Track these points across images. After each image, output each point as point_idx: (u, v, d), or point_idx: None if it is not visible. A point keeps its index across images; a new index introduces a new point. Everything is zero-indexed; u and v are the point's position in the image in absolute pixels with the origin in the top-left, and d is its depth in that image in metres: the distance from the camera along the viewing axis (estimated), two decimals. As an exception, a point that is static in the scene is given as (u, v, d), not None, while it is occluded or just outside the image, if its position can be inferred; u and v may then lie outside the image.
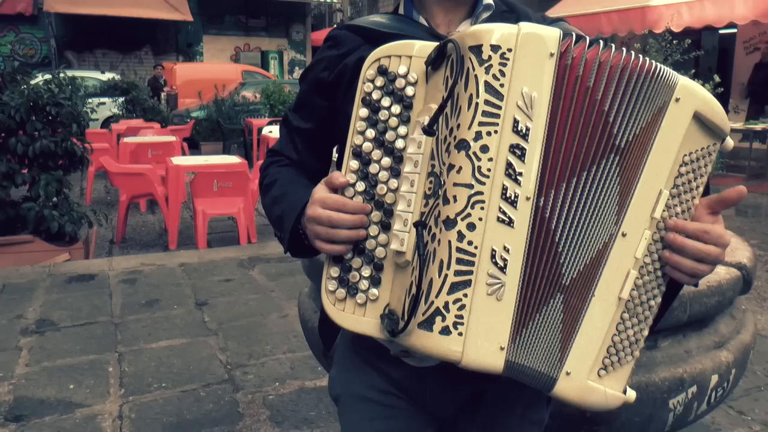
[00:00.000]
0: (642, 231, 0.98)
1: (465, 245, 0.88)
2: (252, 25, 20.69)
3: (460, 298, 0.89)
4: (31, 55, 18.38)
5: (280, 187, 1.21)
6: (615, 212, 0.97)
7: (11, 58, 16.52)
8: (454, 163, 0.89)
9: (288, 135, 1.30)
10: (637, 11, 10.95)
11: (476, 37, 0.90)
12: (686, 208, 1.00)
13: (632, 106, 0.95)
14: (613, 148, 0.95)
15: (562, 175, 0.93)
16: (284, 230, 1.14)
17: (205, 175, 6.13)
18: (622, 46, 0.97)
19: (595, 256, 0.97)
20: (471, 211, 0.88)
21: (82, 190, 8.64)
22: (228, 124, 12.36)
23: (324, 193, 1.01)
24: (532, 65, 0.90)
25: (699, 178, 1.00)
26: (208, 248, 5.99)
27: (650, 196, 0.98)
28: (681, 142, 0.98)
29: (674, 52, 6.30)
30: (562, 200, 0.93)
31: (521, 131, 0.89)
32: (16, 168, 5.35)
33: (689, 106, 0.98)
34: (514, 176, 0.89)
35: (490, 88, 0.88)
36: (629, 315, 1.00)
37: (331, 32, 1.26)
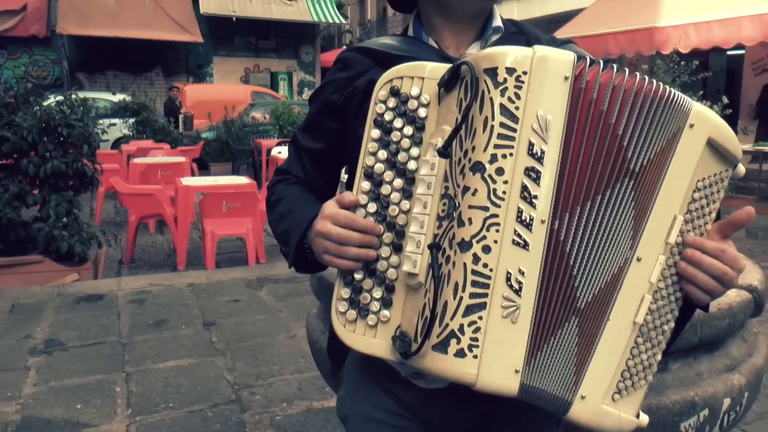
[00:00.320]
0: (656, 256, 0.98)
1: (480, 268, 0.88)
2: (262, 46, 20.88)
3: (475, 320, 0.88)
4: (44, 77, 18.58)
5: (287, 203, 1.22)
6: (630, 236, 0.97)
7: (25, 80, 16.68)
8: (470, 186, 0.89)
9: (296, 154, 1.30)
10: (644, 32, 10.99)
11: (491, 59, 0.91)
12: (699, 234, 1.01)
13: (646, 130, 0.95)
14: (628, 172, 0.95)
15: (576, 199, 0.93)
16: (290, 245, 1.14)
17: (214, 196, 6.16)
18: (629, 68, 0.97)
19: (610, 280, 0.97)
20: (486, 234, 0.88)
21: (91, 211, 8.69)
22: (237, 145, 12.43)
23: (334, 209, 1.02)
24: (546, 88, 0.90)
25: (712, 204, 1.01)
26: (217, 268, 5.99)
27: (665, 221, 0.98)
28: (695, 167, 0.98)
29: (682, 74, 6.32)
30: (577, 223, 0.93)
31: (536, 154, 0.89)
32: (27, 189, 5.39)
33: (703, 132, 0.98)
34: (529, 199, 0.89)
35: (506, 111, 0.89)
36: (643, 339, 1.00)
37: (340, 54, 1.27)
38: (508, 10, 16.79)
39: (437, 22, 1.22)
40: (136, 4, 18.15)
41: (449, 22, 1.21)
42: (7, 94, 5.57)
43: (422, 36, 1.23)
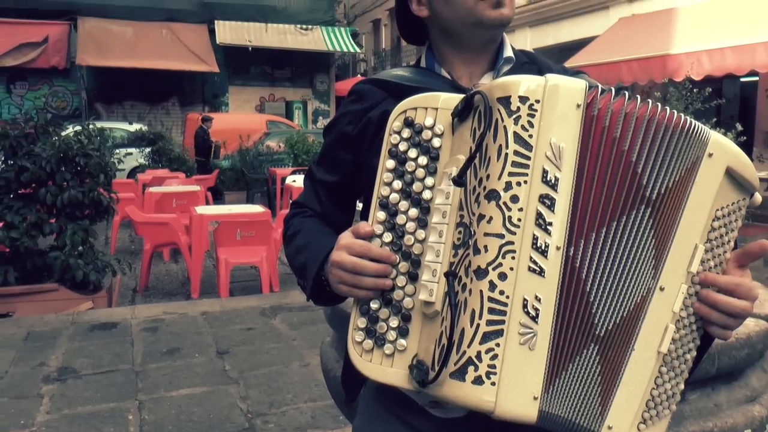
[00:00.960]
0: (679, 285, 0.99)
1: (497, 295, 0.88)
2: (277, 75, 21.11)
3: (492, 347, 0.88)
4: (63, 108, 18.87)
5: (303, 236, 1.22)
6: (652, 266, 0.97)
7: (44, 111, 16.96)
8: (485, 213, 0.90)
9: (312, 187, 1.31)
10: (657, 60, 11.02)
11: (504, 88, 0.91)
12: (719, 262, 1.01)
13: (662, 158, 0.95)
14: (644, 199, 0.95)
15: (591, 225, 0.93)
16: (307, 278, 1.15)
17: (228, 224, 6.19)
18: (642, 95, 0.98)
19: (633, 310, 0.97)
20: (502, 261, 0.88)
21: (106, 239, 8.75)
22: (252, 174, 12.52)
23: (350, 240, 1.02)
24: (559, 116, 0.91)
25: (730, 233, 1.02)
26: (230, 297, 6.00)
27: (686, 250, 0.99)
28: (714, 196, 0.99)
29: (695, 101, 6.32)
30: (593, 250, 0.93)
31: (550, 181, 0.90)
32: (44, 217, 5.45)
33: (722, 161, 0.99)
34: (544, 226, 0.89)
35: (519, 139, 0.89)
36: (667, 369, 1.00)
37: (354, 86, 1.28)
38: (521, 38, 16.91)
39: (448, 54, 1.23)
40: (153, 35, 18.44)
41: (459, 52, 1.22)
42: (27, 124, 5.67)
43: (435, 67, 1.24)
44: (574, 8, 15.27)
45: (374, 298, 1.01)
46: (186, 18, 19.06)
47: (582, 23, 15.09)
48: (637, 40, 12.09)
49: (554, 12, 15.93)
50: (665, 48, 11.06)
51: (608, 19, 14.21)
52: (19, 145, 5.45)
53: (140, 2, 18.56)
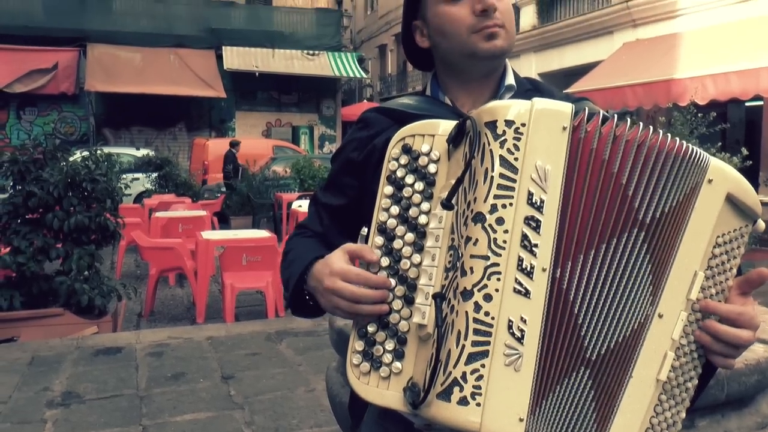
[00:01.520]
0: (678, 312, 0.99)
1: (482, 316, 0.89)
2: (284, 100, 21.28)
3: (477, 368, 0.88)
4: (71, 133, 19.05)
5: (295, 253, 1.25)
6: (650, 292, 0.97)
7: (53, 136, 17.13)
8: (471, 236, 0.91)
9: (315, 211, 1.34)
10: (661, 84, 11.06)
11: (491, 113, 0.93)
12: (720, 290, 1.01)
13: (655, 182, 0.96)
14: (636, 222, 0.95)
15: (579, 247, 0.93)
16: (289, 290, 1.18)
17: (234, 249, 6.20)
18: (647, 120, 0.99)
19: (630, 336, 0.97)
20: (487, 282, 0.89)
21: (112, 264, 8.77)
22: (258, 199, 12.55)
23: (344, 265, 1.03)
24: (545, 139, 0.92)
25: (732, 260, 1.01)
26: (236, 322, 5.99)
27: (686, 277, 0.99)
28: (715, 223, 0.99)
29: (699, 125, 6.32)
30: (581, 272, 0.93)
31: (536, 203, 0.91)
32: (51, 242, 5.48)
33: (722, 187, 0.99)
34: (530, 248, 0.90)
35: (505, 162, 0.91)
36: (667, 397, 1.00)
37: (361, 114, 1.31)
38: (527, 63, 17.03)
39: (451, 82, 1.26)
40: (162, 61, 18.66)
41: (461, 81, 1.25)
42: (36, 150, 5.72)
43: (439, 95, 1.27)
44: (579, 33, 15.39)
45: (371, 321, 1.02)
46: (194, 44, 19.31)
47: (586, 48, 15.20)
48: (642, 64, 12.15)
49: (559, 37, 16.06)
50: (669, 73, 11.10)
51: (612, 44, 14.31)
52: (27, 170, 5.50)
53: (149, 29, 18.82)
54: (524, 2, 17.27)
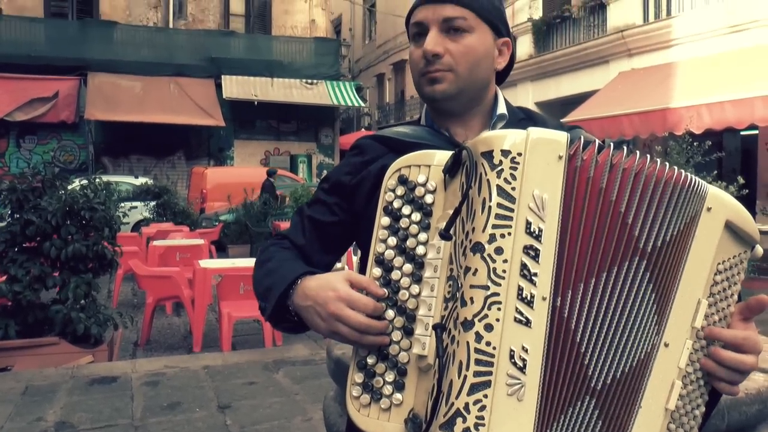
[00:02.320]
0: (684, 340, 0.99)
1: (483, 346, 0.88)
2: (282, 129, 21.36)
3: (480, 398, 0.88)
4: (70, 161, 19.08)
5: (276, 262, 1.22)
6: (655, 321, 0.98)
7: (52, 165, 17.17)
8: (470, 266, 0.91)
9: (299, 222, 1.32)
10: (657, 113, 11.15)
11: (487, 143, 0.94)
12: (723, 316, 1.02)
13: (655, 210, 0.97)
14: (637, 251, 0.96)
15: (579, 276, 0.94)
16: (269, 301, 1.14)
17: (231, 278, 6.18)
18: (644, 149, 1.00)
19: (637, 365, 0.97)
20: (488, 312, 0.89)
21: (109, 293, 8.73)
22: (256, 227, 12.55)
23: (351, 291, 1.02)
24: (541, 168, 0.93)
25: (733, 286, 1.03)
26: (233, 350, 5.95)
27: (690, 305, 1.00)
28: (715, 250, 1.00)
29: (696, 154, 6.36)
30: (581, 300, 0.93)
31: (534, 232, 0.91)
32: (48, 271, 5.46)
33: (721, 215, 1.01)
34: (530, 277, 0.90)
35: (502, 192, 0.91)
36: (675, 426, 1.00)
37: (356, 141, 1.32)
38: (523, 92, 17.18)
39: (437, 117, 1.29)
40: (161, 90, 18.77)
41: (444, 117, 1.28)
42: (34, 178, 5.73)
43: (434, 125, 1.29)
44: (575, 63, 15.55)
45: (371, 352, 1.01)
46: (194, 73, 19.45)
47: (582, 77, 15.35)
48: (637, 94, 12.27)
49: (555, 66, 16.22)
50: (665, 102, 11.21)
51: (608, 73, 14.46)
52: (26, 198, 5.51)
53: (149, 58, 18.96)
54: (521, 32, 17.48)
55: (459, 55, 1.20)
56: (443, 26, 1.20)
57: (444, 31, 1.20)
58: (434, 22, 1.20)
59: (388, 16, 25.63)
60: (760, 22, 11.14)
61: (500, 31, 1.26)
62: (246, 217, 12.93)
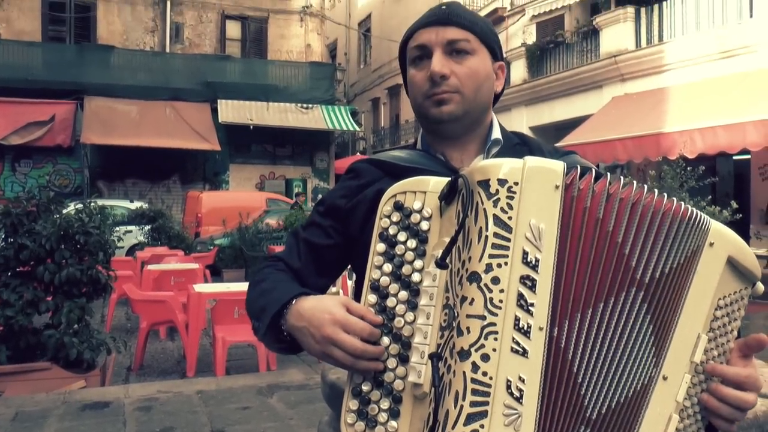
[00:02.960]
0: (682, 375, 0.99)
1: (480, 376, 0.88)
2: (278, 153, 21.40)
3: (476, 429, 0.87)
4: (65, 185, 19.05)
5: (271, 283, 1.21)
6: (653, 353, 0.97)
7: (47, 189, 17.13)
8: (467, 295, 0.91)
9: (294, 244, 1.31)
10: (650, 138, 11.23)
11: (484, 172, 0.94)
12: (722, 352, 1.02)
13: (653, 242, 0.97)
14: (634, 281, 0.96)
15: (576, 306, 0.94)
16: (262, 321, 1.13)
17: (226, 302, 6.15)
18: (638, 173, 1.01)
19: (633, 396, 0.97)
20: (485, 342, 0.89)
21: (102, 317, 8.67)
22: (251, 251, 12.52)
23: (345, 313, 1.01)
24: (538, 198, 0.93)
25: (733, 322, 1.03)
26: (227, 375, 5.90)
27: (689, 339, 1.00)
28: (716, 286, 1.00)
29: (689, 179, 6.39)
30: (578, 330, 0.93)
31: (531, 262, 0.91)
32: (41, 295, 5.42)
33: (723, 250, 1.01)
34: (526, 307, 0.90)
35: (499, 221, 0.91)
36: None
37: (352, 164, 1.32)
38: (518, 116, 17.29)
39: (434, 141, 1.29)
40: (157, 114, 18.81)
41: (442, 141, 1.28)
42: (29, 202, 5.72)
43: (429, 149, 1.29)
44: (568, 87, 15.69)
45: (366, 379, 1.01)
46: (190, 97, 19.51)
47: (576, 102, 15.48)
48: (631, 118, 12.36)
49: (549, 91, 16.36)
50: (658, 126, 11.29)
51: (602, 98, 14.58)
52: (20, 222, 5.49)
53: (146, 82, 19.03)
54: (514, 57, 17.65)
55: (464, 77, 1.21)
56: (447, 49, 1.21)
57: (448, 54, 1.21)
58: (438, 44, 1.21)
59: (383, 41, 25.85)
60: (749, 48, 11.28)
61: (497, 55, 1.28)
62: (241, 242, 12.91)
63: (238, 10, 20.99)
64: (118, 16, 19.81)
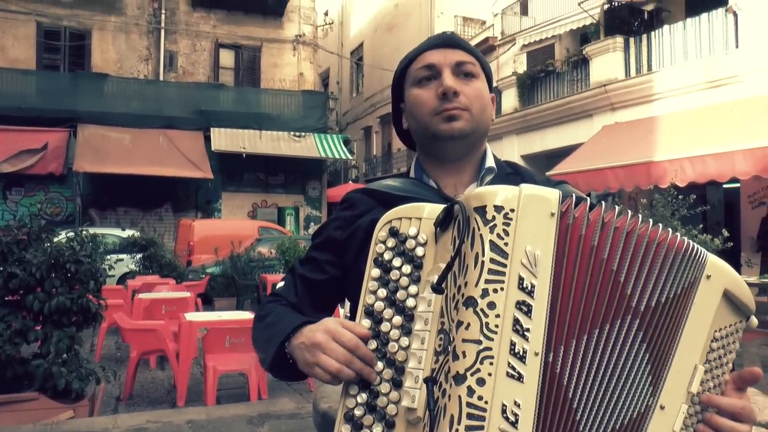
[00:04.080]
0: (680, 404, 1.00)
1: (475, 400, 0.88)
2: (270, 181, 21.43)
3: None
4: (57, 213, 18.97)
5: (275, 316, 1.23)
6: (649, 382, 0.98)
7: (38, 217, 17.05)
8: (463, 320, 0.91)
9: (292, 280, 1.33)
10: (641, 167, 11.32)
11: (480, 198, 0.95)
12: (718, 383, 1.03)
13: (648, 271, 0.98)
14: (629, 309, 0.97)
15: (571, 332, 0.94)
16: (269, 351, 1.15)
17: (217, 331, 6.11)
18: (629, 201, 1.02)
19: (629, 424, 0.97)
20: (480, 367, 0.89)
21: (92, 346, 8.58)
22: (243, 280, 12.47)
23: (338, 327, 1.02)
24: (534, 225, 0.94)
25: (728, 354, 1.05)
26: (217, 405, 5.83)
27: (686, 370, 1.01)
28: (713, 318, 1.02)
29: (681, 207, 6.44)
30: (573, 356, 0.94)
31: (527, 288, 0.92)
32: (30, 325, 5.36)
33: (720, 283, 1.03)
34: (522, 332, 0.91)
35: (495, 247, 0.92)
36: None
37: (346, 195, 1.34)
38: (509, 145, 17.41)
39: (430, 164, 1.30)
40: (150, 142, 18.82)
41: (439, 163, 1.29)
42: (20, 231, 5.68)
43: (423, 177, 1.30)
44: (559, 116, 15.83)
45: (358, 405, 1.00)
46: (183, 125, 19.56)
47: (567, 131, 15.61)
48: (621, 147, 12.47)
49: (540, 120, 16.50)
50: (649, 155, 11.39)
51: (592, 126, 14.71)
52: (10, 251, 5.45)
53: (139, 110, 19.08)
54: (506, 86, 17.83)
55: (472, 96, 1.25)
56: (455, 70, 1.25)
57: (455, 75, 1.25)
58: (447, 64, 1.25)
59: (375, 70, 26.09)
60: (736, 78, 11.44)
61: (490, 86, 1.33)
62: (233, 270, 12.85)
63: (231, 39, 21.17)
64: (113, 45, 19.93)
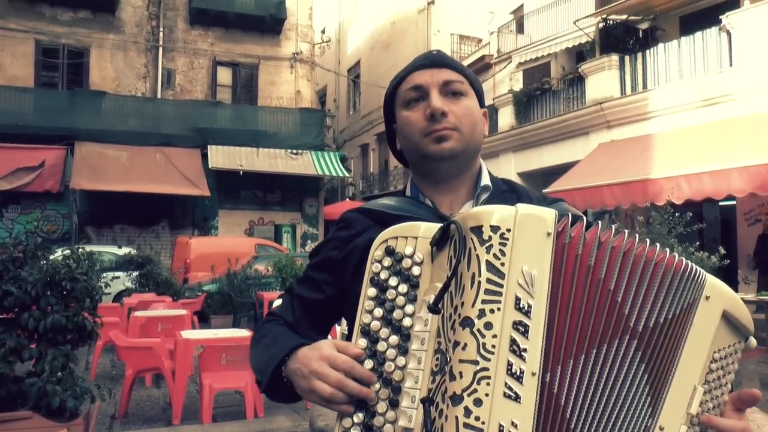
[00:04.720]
0: (679, 426, 1.00)
1: (472, 420, 0.87)
2: (267, 199, 21.41)
3: None
4: (53, 231, 18.91)
5: (272, 338, 1.24)
6: (648, 403, 0.98)
7: (35, 234, 16.99)
8: (460, 340, 0.91)
9: (289, 300, 1.34)
10: (638, 184, 11.36)
11: (477, 218, 0.95)
12: (717, 404, 1.03)
13: (645, 291, 0.98)
14: (627, 329, 0.96)
15: (568, 352, 0.94)
16: (265, 373, 1.15)
17: (213, 349, 6.08)
18: (626, 219, 1.03)
19: None
20: (477, 387, 0.88)
21: (87, 364, 8.53)
22: (239, 298, 12.42)
23: (332, 351, 1.02)
24: (530, 244, 0.94)
25: (727, 375, 1.04)
26: (213, 423, 5.79)
27: (686, 391, 1.00)
28: (712, 339, 1.02)
29: (677, 225, 6.44)
30: (571, 376, 0.93)
31: (523, 308, 0.91)
32: (24, 343, 5.32)
33: (718, 304, 1.03)
34: (519, 352, 0.90)
35: (492, 267, 0.92)
36: None
37: (342, 215, 1.34)
38: (506, 162, 17.47)
39: (424, 183, 1.30)
40: (148, 160, 18.82)
41: (433, 183, 1.30)
42: (16, 248, 5.66)
43: (419, 196, 1.30)
44: (556, 134, 15.90)
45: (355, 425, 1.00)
46: (180, 143, 19.57)
47: (564, 148, 15.67)
48: (618, 164, 12.52)
49: (537, 137, 16.57)
50: (645, 173, 11.43)
51: (588, 144, 14.78)
52: (6, 269, 5.42)
53: (137, 128, 19.09)
54: (502, 103, 17.93)
55: (461, 115, 1.24)
56: (443, 89, 1.24)
57: (443, 95, 1.24)
58: (434, 84, 1.24)
59: (372, 87, 26.20)
60: (731, 96, 11.51)
61: (482, 102, 1.32)
62: (229, 288, 12.81)
63: (229, 57, 21.27)
64: (111, 62, 20.00)
